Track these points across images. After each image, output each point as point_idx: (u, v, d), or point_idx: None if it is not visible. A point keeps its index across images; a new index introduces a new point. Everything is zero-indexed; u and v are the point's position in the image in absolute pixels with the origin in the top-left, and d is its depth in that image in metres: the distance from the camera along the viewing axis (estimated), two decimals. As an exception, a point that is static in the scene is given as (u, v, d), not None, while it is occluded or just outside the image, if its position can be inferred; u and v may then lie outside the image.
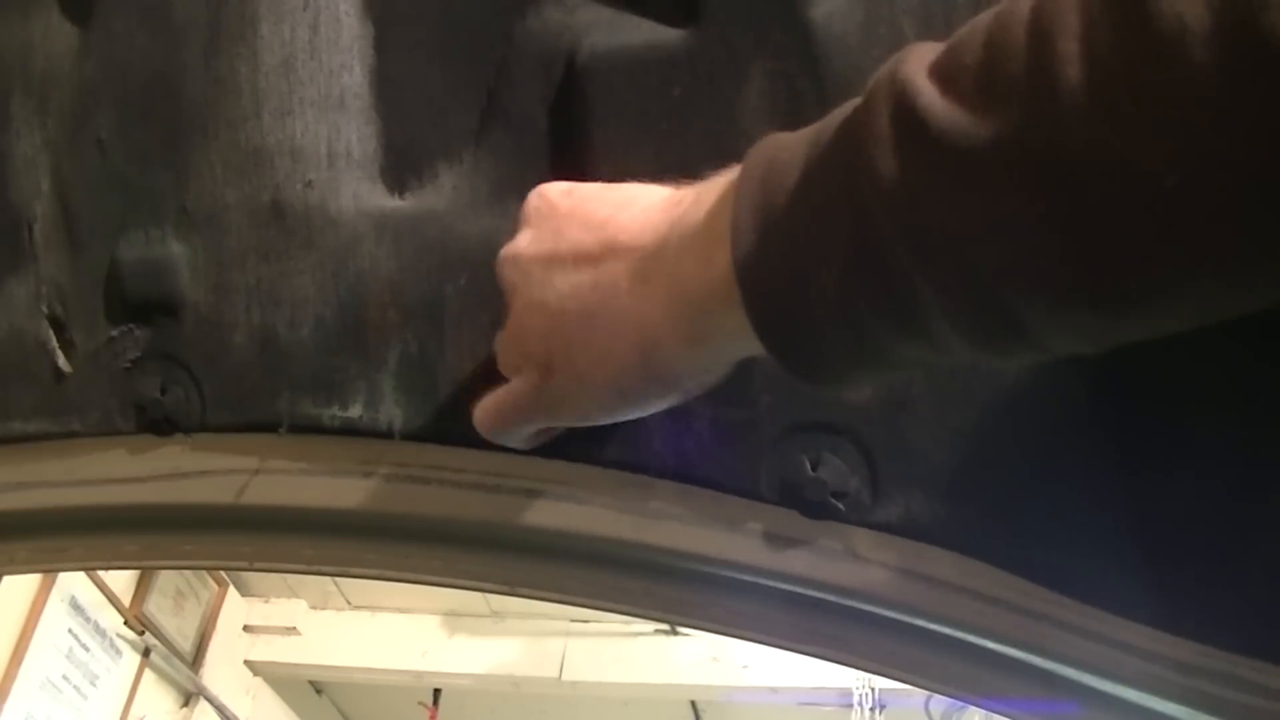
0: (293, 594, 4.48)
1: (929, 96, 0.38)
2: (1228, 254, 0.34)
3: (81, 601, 3.53)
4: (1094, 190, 0.35)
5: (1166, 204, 0.34)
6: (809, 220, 0.43)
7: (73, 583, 3.48)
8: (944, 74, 0.38)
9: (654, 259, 0.50)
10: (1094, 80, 0.34)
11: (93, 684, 3.61)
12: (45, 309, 0.73)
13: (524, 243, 0.56)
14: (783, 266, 0.44)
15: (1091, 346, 0.40)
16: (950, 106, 0.37)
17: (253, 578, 4.43)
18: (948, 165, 0.37)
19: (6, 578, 2.43)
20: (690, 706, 4.57)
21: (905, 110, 0.38)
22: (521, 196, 0.59)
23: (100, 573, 3.52)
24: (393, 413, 0.67)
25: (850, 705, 3.69)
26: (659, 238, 0.50)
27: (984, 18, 0.38)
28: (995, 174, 0.36)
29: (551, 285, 0.53)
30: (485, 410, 0.59)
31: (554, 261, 0.54)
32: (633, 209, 0.53)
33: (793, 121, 0.62)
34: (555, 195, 0.57)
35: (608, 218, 0.53)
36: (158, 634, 3.87)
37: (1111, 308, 0.37)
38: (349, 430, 0.67)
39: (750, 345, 0.47)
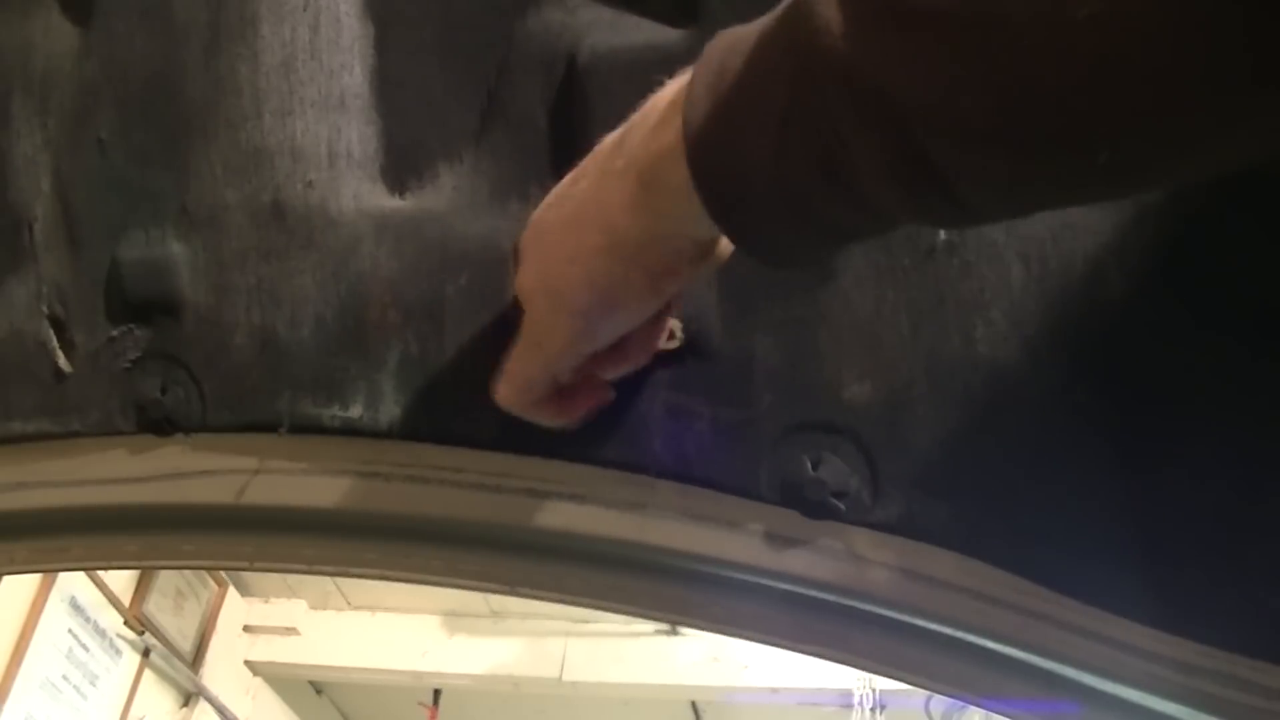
0: (293, 594, 4.48)
1: None
2: (1139, 84, 0.35)
3: (81, 601, 3.53)
4: (1012, 27, 0.36)
5: (1079, 36, 0.35)
6: (754, 76, 0.44)
7: (73, 583, 3.48)
8: None
9: (618, 145, 0.52)
10: None
11: (93, 684, 3.61)
12: (45, 309, 0.73)
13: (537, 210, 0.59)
14: (725, 121, 0.45)
15: (1009, 202, 0.41)
16: None
17: (253, 578, 4.43)
18: (879, 7, 0.39)
19: (6, 578, 2.43)
20: (690, 706, 4.57)
21: None
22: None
23: (100, 573, 3.52)
24: (393, 413, 0.67)
25: (850, 705, 3.69)
26: (626, 128, 0.52)
27: None
28: (921, 14, 0.37)
29: (545, 222, 0.56)
30: (497, 380, 0.60)
31: (550, 204, 0.57)
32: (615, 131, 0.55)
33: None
34: None
35: (596, 147, 0.56)
36: (158, 634, 3.87)
37: (1023, 149, 0.38)
38: (349, 430, 0.67)
39: (700, 215, 0.48)
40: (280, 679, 4.63)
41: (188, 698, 4.12)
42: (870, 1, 0.39)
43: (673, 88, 0.50)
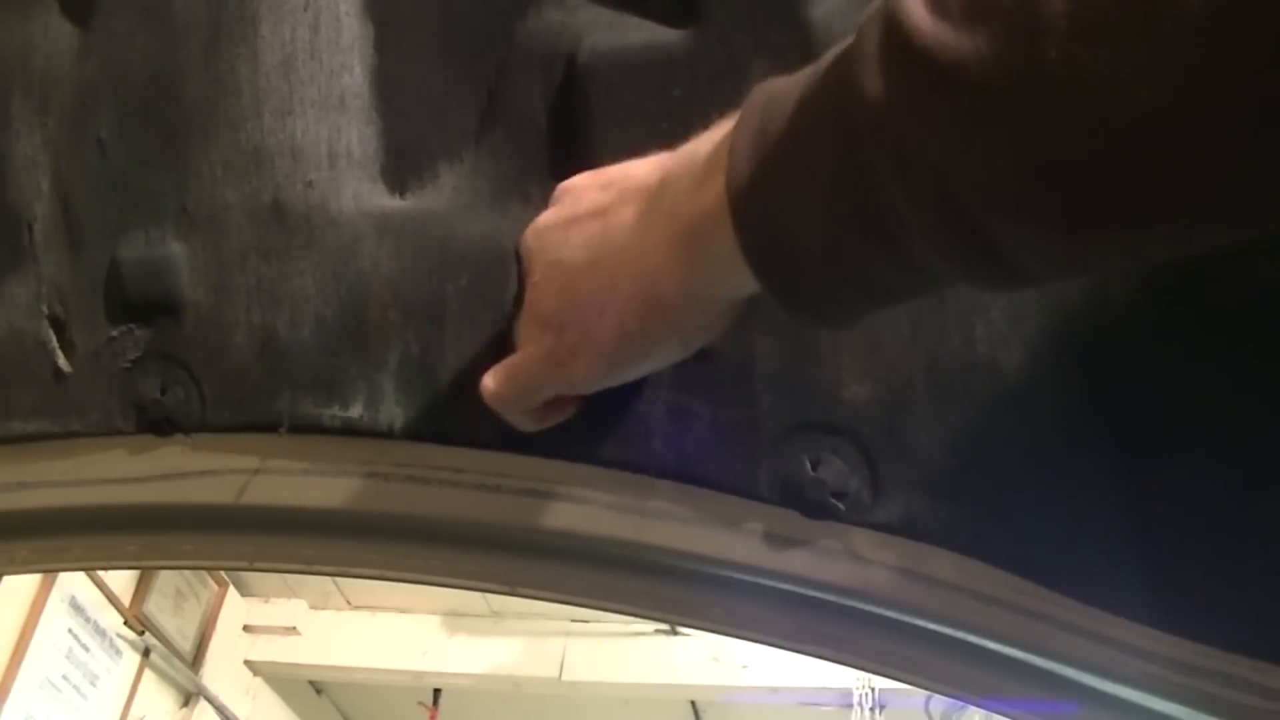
0: (293, 594, 4.47)
1: (918, 17, 0.38)
2: (1199, 168, 0.34)
3: (81, 601, 3.52)
4: (1066, 107, 0.35)
5: (1137, 118, 0.34)
6: (799, 142, 0.44)
7: (73, 583, 3.48)
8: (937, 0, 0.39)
9: (656, 194, 0.52)
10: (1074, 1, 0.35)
11: (93, 684, 3.60)
12: (45, 309, 0.73)
13: (545, 215, 0.58)
14: (772, 186, 0.45)
15: (1066, 270, 0.41)
16: (937, 25, 0.38)
17: (253, 578, 4.43)
18: (930, 82, 0.38)
19: (6, 578, 2.43)
20: (690, 706, 4.57)
21: (894, 30, 0.39)
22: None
23: (100, 573, 3.52)
24: (393, 413, 0.67)
25: (850, 705, 3.69)
26: (662, 175, 0.52)
27: None
28: (974, 91, 0.37)
29: (566, 244, 0.55)
30: (495, 374, 0.59)
31: (571, 222, 0.56)
32: (646, 163, 0.55)
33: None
34: (578, 176, 0.59)
35: (623, 174, 0.55)
36: (158, 634, 3.87)
37: (1080, 227, 0.37)
38: (349, 430, 0.67)
39: (743, 277, 0.48)
40: (280, 679, 4.63)
41: (188, 698, 4.11)
42: (916, 72, 0.38)
43: (711, 137, 0.49)
